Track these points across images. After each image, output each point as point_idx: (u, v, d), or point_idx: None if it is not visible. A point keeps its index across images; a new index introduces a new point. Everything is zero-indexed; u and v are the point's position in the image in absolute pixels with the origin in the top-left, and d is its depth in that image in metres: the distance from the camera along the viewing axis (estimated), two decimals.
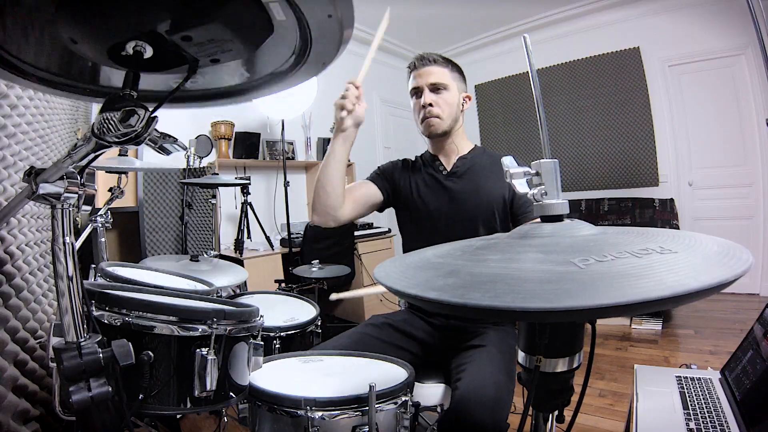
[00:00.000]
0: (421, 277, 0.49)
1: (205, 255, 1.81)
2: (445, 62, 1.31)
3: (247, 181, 2.70)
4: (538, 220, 0.58)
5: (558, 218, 0.56)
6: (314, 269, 2.47)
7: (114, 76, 0.64)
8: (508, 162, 0.61)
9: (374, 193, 1.37)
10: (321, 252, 3.10)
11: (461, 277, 0.46)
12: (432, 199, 1.34)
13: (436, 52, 1.33)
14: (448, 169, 1.36)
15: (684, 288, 0.35)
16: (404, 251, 1.42)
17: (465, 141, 1.40)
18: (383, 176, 1.41)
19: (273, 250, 3.22)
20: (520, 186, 0.58)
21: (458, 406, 0.94)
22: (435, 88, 1.28)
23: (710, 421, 0.96)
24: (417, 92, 1.32)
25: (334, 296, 1.35)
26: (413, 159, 1.47)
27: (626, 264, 0.42)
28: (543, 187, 0.57)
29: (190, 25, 0.50)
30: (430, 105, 1.28)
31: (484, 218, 1.29)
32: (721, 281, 0.36)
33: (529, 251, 0.49)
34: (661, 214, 3.73)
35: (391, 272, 0.53)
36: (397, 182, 1.40)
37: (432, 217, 1.33)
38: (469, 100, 1.37)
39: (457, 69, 1.34)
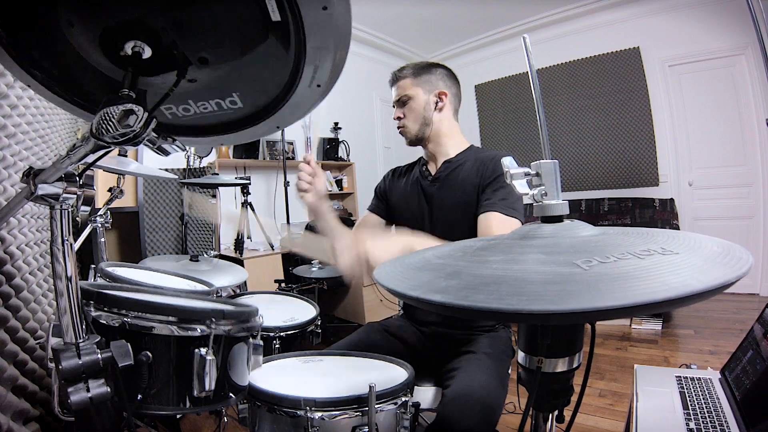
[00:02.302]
0: (422, 278, 0.49)
1: (205, 255, 1.81)
2: (410, 72, 1.32)
3: (247, 181, 2.70)
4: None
5: (558, 219, 0.56)
6: (314, 269, 2.47)
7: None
8: (507, 162, 0.60)
9: (376, 222, 1.44)
10: None
11: (464, 279, 0.45)
12: (413, 205, 1.35)
13: (409, 63, 1.36)
14: (433, 174, 1.35)
15: (687, 289, 0.35)
16: None
17: (455, 142, 1.34)
18: (379, 197, 1.47)
19: (273, 250, 3.22)
20: (521, 186, 0.58)
21: (447, 410, 0.94)
22: (401, 103, 1.33)
23: (710, 421, 0.96)
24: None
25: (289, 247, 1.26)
26: (406, 165, 1.49)
27: (629, 265, 0.42)
28: (543, 187, 0.56)
29: (181, 5, 0.49)
30: (398, 118, 1.34)
31: (463, 222, 1.23)
32: (724, 282, 0.36)
33: (530, 252, 0.49)
34: (661, 214, 3.73)
35: (392, 273, 0.53)
36: (389, 195, 1.44)
37: (413, 224, 1.33)
38: (445, 96, 1.31)
39: (425, 71, 1.32)
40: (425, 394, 1.14)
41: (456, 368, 1.08)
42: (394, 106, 1.37)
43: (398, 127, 1.37)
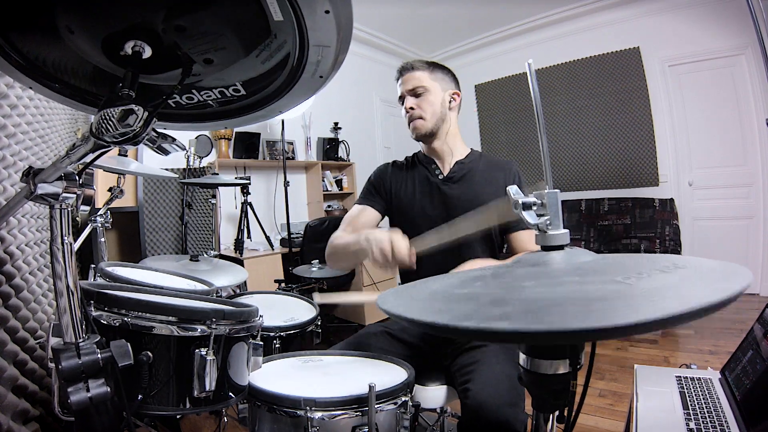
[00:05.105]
0: (464, 308, 0.45)
1: (205, 255, 1.81)
2: (425, 66, 1.34)
3: (247, 181, 2.70)
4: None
5: (560, 247, 0.57)
6: (314, 269, 2.47)
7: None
8: (514, 191, 0.61)
9: (374, 217, 1.39)
10: (321, 252, 3.07)
11: (515, 304, 0.42)
12: (428, 204, 1.33)
13: (419, 59, 1.36)
14: (445, 174, 1.36)
15: (731, 292, 0.37)
16: None
17: (460, 144, 1.39)
18: (376, 191, 1.42)
19: (273, 250, 3.22)
20: (530, 217, 0.58)
21: (475, 405, 0.94)
22: (415, 93, 1.32)
23: (710, 421, 0.96)
24: (402, 100, 1.36)
25: (317, 298, 1.36)
26: (403, 160, 1.47)
27: (664, 279, 0.43)
28: (548, 217, 0.57)
29: (183, 12, 0.50)
30: (412, 108, 1.32)
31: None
32: (745, 285, 0.39)
33: (561, 275, 0.49)
34: (661, 214, 3.73)
35: (419, 307, 0.50)
36: (390, 189, 1.40)
37: (428, 223, 1.31)
38: (458, 96, 1.37)
39: (439, 69, 1.35)
40: (433, 393, 1.13)
41: (472, 362, 1.08)
42: (402, 99, 1.35)
43: (411, 119, 1.34)
